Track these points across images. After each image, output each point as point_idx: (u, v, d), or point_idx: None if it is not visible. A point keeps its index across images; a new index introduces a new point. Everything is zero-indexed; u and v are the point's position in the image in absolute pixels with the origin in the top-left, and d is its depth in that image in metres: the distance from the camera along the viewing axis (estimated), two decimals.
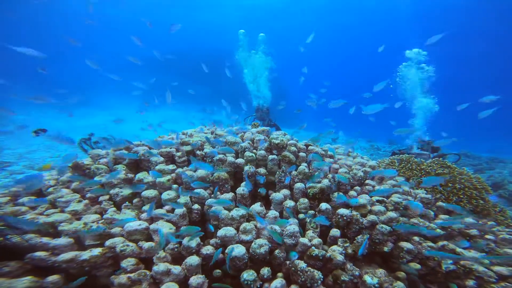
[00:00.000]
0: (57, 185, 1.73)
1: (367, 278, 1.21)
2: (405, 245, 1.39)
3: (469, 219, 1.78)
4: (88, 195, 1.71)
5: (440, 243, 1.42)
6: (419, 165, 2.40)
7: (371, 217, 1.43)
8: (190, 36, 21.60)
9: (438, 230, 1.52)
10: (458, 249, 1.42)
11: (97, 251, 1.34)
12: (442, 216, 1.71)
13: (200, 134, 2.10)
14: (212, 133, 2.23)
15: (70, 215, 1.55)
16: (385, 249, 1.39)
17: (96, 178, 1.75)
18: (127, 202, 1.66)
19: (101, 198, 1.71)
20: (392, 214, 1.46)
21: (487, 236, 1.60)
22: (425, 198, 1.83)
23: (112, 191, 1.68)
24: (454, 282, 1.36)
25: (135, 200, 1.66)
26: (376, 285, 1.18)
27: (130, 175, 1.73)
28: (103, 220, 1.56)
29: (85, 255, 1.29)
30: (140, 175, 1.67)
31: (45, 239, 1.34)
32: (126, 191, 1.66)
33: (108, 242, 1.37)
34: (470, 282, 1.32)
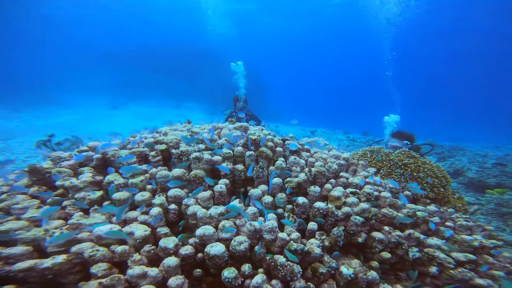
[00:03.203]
0: (11, 191, 1.56)
1: (343, 269, 1.26)
2: (377, 235, 1.47)
3: (432, 207, 1.94)
4: (49, 200, 1.57)
5: (407, 232, 1.53)
6: (388, 155, 2.55)
7: (346, 209, 1.49)
8: (164, 30, 20.53)
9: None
10: (422, 237, 1.54)
11: (61, 258, 1.24)
12: (408, 205, 1.83)
13: (176, 132, 2.01)
14: (188, 130, 2.16)
15: (28, 222, 1.41)
16: (359, 239, 1.47)
17: (58, 182, 1.60)
18: (95, 205, 1.55)
19: (65, 203, 1.58)
20: (364, 205, 1.53)
21: (447, 223, 1.76)
22: (394, 188, 1.95)
23: (77, 195, 1.55)
24: (419, 269, 1.48)
25: (105, 203, 1.55)
26: (352, 275, 1.24)
27: (98, 178, 1.61)
28: (68, 226, 1.44)
29: (47, 262, 1.19)
30: (110, 177, 1.57)
31: None
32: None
33: (74, 248, 1.27)
34: (433, 269, 1.45)
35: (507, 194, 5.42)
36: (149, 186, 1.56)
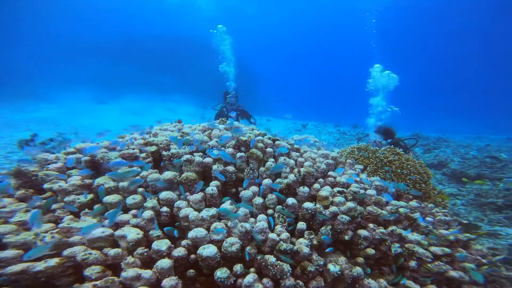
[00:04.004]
0: None
1: (330, 267, 1.34)
2: (362, 232, 1.55)
3: (413, 203, 2.04)
4: (37, 203, 1.55)
5: (390, 228, 1.62)
6: (374, 152, 2.65)
7: (333, 208, 1.56)
8: (151, 21, 19.73)
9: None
10: (404, 233, 1.64)
11: (53, 261, 1.25)
12: (392, 202, 1.93)
13: (166, 133, 2.00)
14: (179, 130, 2.15)
15: (17, 226, 1.41)
16: (346, 237, 1.54)
17: (46, 186, 1.58)
18: (86, 209, 1.54)
19: (54, 206, 1.56)
20: (350, 204, 1.60)
21: (427, 218, 1.86)
22: (379, 186, 2.04)
23: (67, 199, 1.54)
24: (401, 263, 1.58)
25: (96, 207, 1.55)
26: (338, 272, 1.32)
27: (88, 181, 1.59)
28: (58, 230, 1.44)
29: (40, 266, 1.20)
30: (100, 180, 1.56)
31: None
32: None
33: (66, 252, 1.28)
34: (412, 263, 1.55)
35: (487, 184, 5.73)
36: (140, 189, 1.57)
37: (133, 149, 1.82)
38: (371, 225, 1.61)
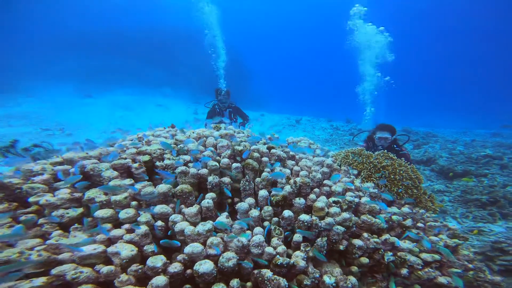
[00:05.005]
0: None
1: (326, 279, 1.35)
2: (357, 242, 1.58)
3: (405, 209, 2.09)
4: (22, 217, 1.48)
5: (383, 237, 1.65)
6: (369, 157, 2.67)
7: (328, 219, 1.56)
8: (140, 11, 18.97)
9: (383, 224, 1.76)
10: (396, 243, 1.68)
11: (39, 281, 1.21)
12: (386, 209, 1.95)
13: (159, 139, 1.94)
14: (173, 136, 2.09)
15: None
16: (341, 247, 1.56)
17: (32, 199, 1.51)
18: (76, 224, 1.49)
19: (41, 221, 1.50)
20: (345, 215, 1.61)
21: (418, 224, 1.91)
22: (373, 193, 2.07)
23: (55, 213, 1.48)
24: (394, 271, 1.62)
25: (86, 221, 1.50)
26: (334, 284, 1.34)
27: (77, 195, 1.53)
28: (46, 246, 1.39)
29: (24, 286, 1.15)
30: (91, 194, 1.50)
31: None
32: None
33: (54, 271, 1.24)
34: (404, 271, 1.60)
35: (472, 181, 5.94)
36: (133, 203, 1.52)
37: (125, 158, 1.76)
38: (365, 234, 1.64)
